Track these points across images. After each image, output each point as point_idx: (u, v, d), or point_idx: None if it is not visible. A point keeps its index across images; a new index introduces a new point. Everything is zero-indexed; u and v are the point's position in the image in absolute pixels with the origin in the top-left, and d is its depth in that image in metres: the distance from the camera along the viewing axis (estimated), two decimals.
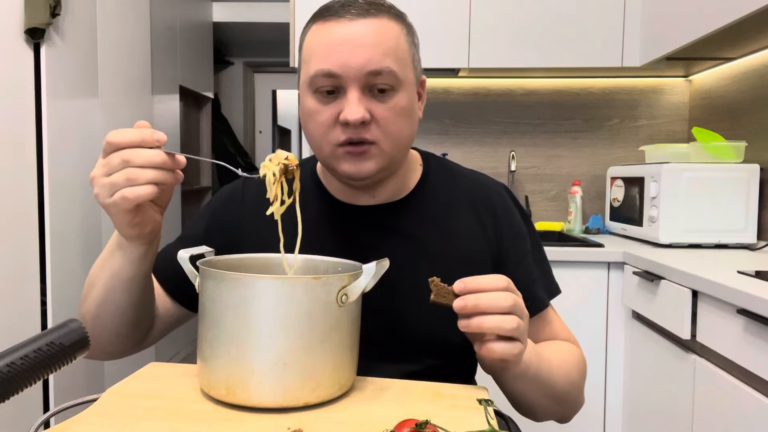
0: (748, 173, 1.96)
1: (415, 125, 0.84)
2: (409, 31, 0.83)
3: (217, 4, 3.93)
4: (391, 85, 0.77)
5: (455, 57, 2.34)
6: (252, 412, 0.63)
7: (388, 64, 0.76)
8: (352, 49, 0.75)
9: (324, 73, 0.76)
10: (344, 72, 0.76)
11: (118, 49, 2.42)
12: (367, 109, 0.77)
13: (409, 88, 0.81)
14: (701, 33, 1.86)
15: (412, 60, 0.82)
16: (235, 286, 0.63)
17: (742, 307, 1.24)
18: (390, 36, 0.78)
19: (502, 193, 0.94)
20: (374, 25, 0.77)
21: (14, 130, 1.81)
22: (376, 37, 0.77)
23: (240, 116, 4.63)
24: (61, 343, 0.51)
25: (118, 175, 0.67)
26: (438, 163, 0.95)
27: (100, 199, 0.69)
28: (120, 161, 0.67)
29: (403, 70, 0.79)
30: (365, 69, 0.76)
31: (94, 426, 0.59)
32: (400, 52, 0.79)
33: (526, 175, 2.69)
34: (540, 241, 0.96)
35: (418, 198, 0.90)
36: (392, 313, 0.84)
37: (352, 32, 0.76)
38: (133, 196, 0.67)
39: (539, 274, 0.92)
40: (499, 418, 0.74)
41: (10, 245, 1.79)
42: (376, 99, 0.78)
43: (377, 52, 0.76)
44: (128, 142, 0.68)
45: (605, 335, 1.99)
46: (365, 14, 0.77)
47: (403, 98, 0.79)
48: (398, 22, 0.81)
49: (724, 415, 1.33)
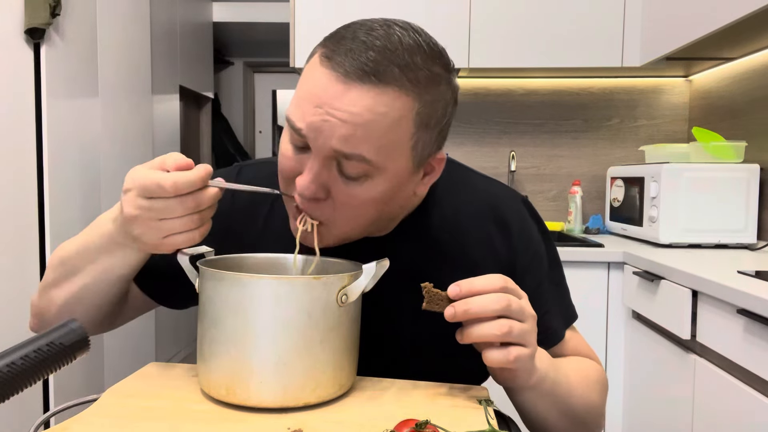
0: (748, 173, 1.96)
1: (396, 206, 0.72)
2: (432, 104, 0.65)
3: (217, 4, 3.93)
4: (361, 173, 0.64)
5: (455, 57, 2.29)
6: (252, 412, 0.63)
7: (361, 152, 0.62)
8: (328, 117, 0.61)
9: (293, 126, 0.65)
10: (311, 138, 0.63)
11: (118, 49, 2.42)
12: (326, 185, 0.65)
13: (393, 176, 0.65)
14: (701, 33, 1.86)
15: (414, 145, 0.65)
16: (235, 286, 0.63)
17: (742, 307, 1.24)
18: (384, 119, 0.61)
19: (519, 207, 0.83)
20: (368, 98, 0.61)
21: (14, 129, 1.81)
22: (362, 116, 0.61)
23: (240, 116, 4.63)
24: (61, 343, 0.51)
25: (183, 220, 0.63)
26: (448, 171, 0.80)
27: (144, 239, 0.64)
28: (186, 208, 0.62)
29: (388, 158, 0.64)
30: (333, 146, 0.62)
31: (94, 426, 0.59)
32: (393, 139, 0.63)
33: (526, 175, 2.69)
34: (558, 258, 0.87)
35: (420, 221, 0.79)
36: (394, 334, 0.79)
37: (336, 97, 0.61)
38: (201, 237, 0.65)
39: (555, 300, 0.83)
40: (499, 418, 0.74)
41: (10, 245, 1.79)
42: (343, 175, 0.65)
43: (355, 133, 0.61)
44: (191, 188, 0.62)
45: (605, 335, 1.99)
46: (366, 79, 0.60)
47: (377, 186, 0.65)
48: (413, 96, 0.63)
49: (724, 415, 1.33)
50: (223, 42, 4.33)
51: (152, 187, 0.61)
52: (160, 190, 0.61)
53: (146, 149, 2.74)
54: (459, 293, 0.62)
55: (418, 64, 0.63)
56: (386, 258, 0.67)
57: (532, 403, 0.72)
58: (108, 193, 2.33)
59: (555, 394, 0.71)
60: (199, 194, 0.63)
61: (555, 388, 0.71)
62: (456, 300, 0.62)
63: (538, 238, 0.84)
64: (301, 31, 2.34)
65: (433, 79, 0.64)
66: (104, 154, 2.31)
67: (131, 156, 2.56)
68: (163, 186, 0.61)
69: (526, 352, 0.63)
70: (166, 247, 0.66)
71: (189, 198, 0.62)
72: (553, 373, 0.71)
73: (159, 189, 0.61)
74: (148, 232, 0.64)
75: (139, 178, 0.62)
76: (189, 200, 0.62)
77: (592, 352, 0.87)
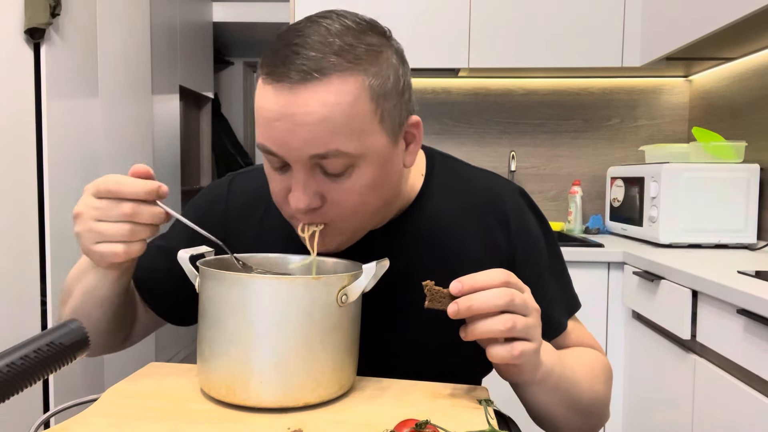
0: (748, 173, 1.96)
1: (392, 187, 0.72)
2: (380, 74, 0.64)
3: (217, 4, 3.93)
4: (344, 166, 0.64)
5: (455, 57, 2.34)
6: (252, 412, 0.63)
7: (335, 146, 0.62)
8: (290, 127, 0.62)
9: (264, 149, 0.65)
10: (284, 153, 0.64)
11: (118, 49, 2.42)
12: (318, 191, 0.66)
13: (375, 156, 0.66)
14: (701, 33, 1.86)
15: (381, 118, 0.65)
16: (235, 286, 0.63)
17: (742, 307, 1.24)
18: (340, 107, 0.62)
19: (516, 199, 0.84)
20: (318, 94, 0.61)
21: (14, 130, 1.81)
22: (320, 112, 0.61)
23: (240, 116, 4.63)
24: (61, 343, 0.51)
25: (115, 227, 0.63)
26: (444, 165, 0.84)
27: (81, 240, 0.65)
28: (120, 214, 0.63)
29: (362, 141, 0.64)
30: (306, 152, 0.63)
31: (94, 426, 0.59)
32: (357, 121, 0.63)
33: (526, 175, 2.69)
34: (559, 249, 0.87)
35: (418, 213, 0.79)
36: (393, 338, 0.79)
37: (291, 106, 0.61)
38: (123, 253, 0.65)
39: (557, 290, 0.83)
40: (499, 418, 0.74)
41: (10, 245, 1.79)
42: (329, 178, 0.65)
43: (321, 132, 0.61)
44: (133, 195, 0.63)
45: (605, 335, 1.99)
46: (309, 78, 0.61)
47: (365, 173, 0.66)
48: (358, 74, 0.63)
49: (724, 415, 1.33)
50: (223, 42, 4.33)
51: (101, 185, 0.64)
52: (105, 189, 0.64)
53: (146, 149, 2.74)
54: (461, 290, 0.61)
55: (351, 44, 0.63)
56: (386, 258, 0.68)
57: (538, 398, 0.71)
58: None
59: (561, 388, 0.71)
60: (139, 205, 0.64)
61: (561, 382, 0.70)
62: (458, 297, 0.62)
63: (537, 229, 0.84)
64: None
65: (371, 51, 0.64)
66: (104, 154, 2.31)
67: (131, 156, 2.56)
68: (108, 183, 0.63)
69: (531, 347, 0.63)
70: (94, 254, 0.66)
71: (127, 204, 0.64)
72: (559, 368, 0.70)
73: (105, 187, 0.64)
74: (84, 233, 0.65)
75: (100, 178, 0.65)
76: (126, 206, 0.63)
77: (596, 342, 0.86)
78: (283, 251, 0.78)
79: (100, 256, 0.66)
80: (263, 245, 0.80)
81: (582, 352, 0.82)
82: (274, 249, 0.79)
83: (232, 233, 0.82)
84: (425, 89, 2.70)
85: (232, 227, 0.83)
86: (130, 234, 0.64)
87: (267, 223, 0.83)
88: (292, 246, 0.77)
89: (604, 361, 0.82)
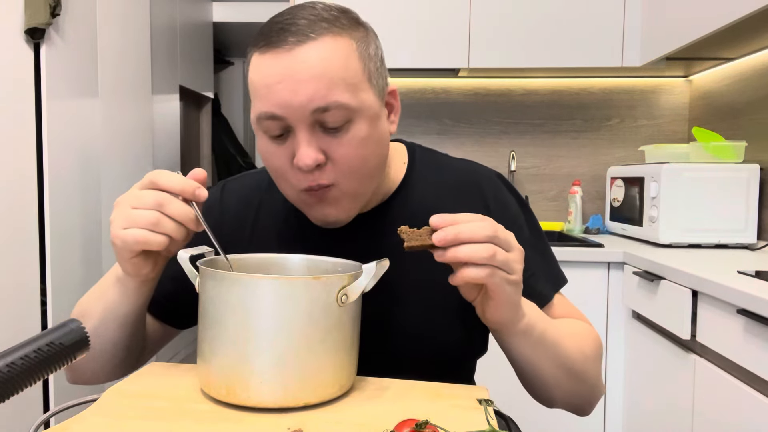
0: (748, 173, 1.96)
1: (385, 148, 0.77)
2: (363, 39, 0.72)
3: (217, 4, 3.93)
4: (343, 119, 0.69)
5: (455, 57, 2.34)
6: (252, 412, 0.63)
7: (335, 98, 0.68)
8: (292, 86, 0.67)
9: (267, 116, 0.69)
10: (287, 113, 0.68)
11: (118, 49, 2.42)
12: (321, 148, 0.70)
13: (369, 111, 0.72)
14: (701, 33, 1.86)
15: (369, 77, 0.72)
16: (235, 286, 0.63)
17: (742, 307, 1.24)
18: (335, 61, 0.68)
19: (494, 180, 0.89)
20: (315, 51, 0.67)
21: (14, 130, 1.81)
22: (318, 66, 0.67)
23: (240, 116, 4.63)
24: (61, 343, 0.51)
25: (144, 213, 0.65)
26: (424, 155, 0.89)
27: (112, 225, 0.67)
28: (152, 201, 0.65)
29: (357, 96, 0.70)
30: (309, 107, 0.67)
31: (94, 426, 0.59)
32: (351, 76, 0.69)
33: (526, 175, 2.69)
34: (540, 229, 0.91)
35: (401, 198, 0.84)
36: (386, 315, 0.82)
37: (290, 66, 0.67)
38: (143, 241, 0.65)
39: (540, 265, 0.86)
40: (499, 418, 0.74)
41: (10, 245, 1.79)
42: (330, 135, 0.70)
43: (321, 86, 0.67)
44: (168, 187, 0.66)
45: (605, 335, 1.99)
46: (304, 39, 0.67)
47: (361, 127, 0.71)
48: (346, 36, 0.70)
49: (724, 415, 1.33)
50: (223, 42, 4.33)
51: (147, 176, 0.67)
52: (148, 180, 0.67)
53: (146, 149, 2.74)
54: (441, 222, 0.63)
55: (336, 16, 0.71)
56: (386, 258, 0.68)
57: (523, 353, 0.74)
58: (108, 193, 2.33)
59: (547, 343, 0.73)
60: (171, 197, 0.66)
61: (546, 337, 0.73)
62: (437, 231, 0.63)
63: (516, 206, 0.88)
64: None
65: (352, 23, 0.72)
66: (104, 154, 2.31)
67: (131, 156, 2.56)
68: (151, 174, 0.67)
69: (508, 277, 0.65)
70: (118, 241, 0.67)
71: (161, 194, 0.66)
72: (543, 323, 0.72)
73: (148, 178, 0.67)
74: (116, 218, 0.67)
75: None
76: (160, 195, 0.66)
77: (584, 317, 0.87)
78: (277, 250, 0.80)
79: (122, 243, 0.66)
80: (256, 248, 0.81)
81: (568, 320, 0.84)
82: (267, 250, 0.80)
83: (228, 239, 0.82)
84: (425, 89, 2.70)
85: (227, 234, 0.84)
86: (156, 223, 0.65)
87: (256, 227, 0.86)
88: (285, 245, 0.81)
89: (591, 330, 0.84)
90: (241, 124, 4.63)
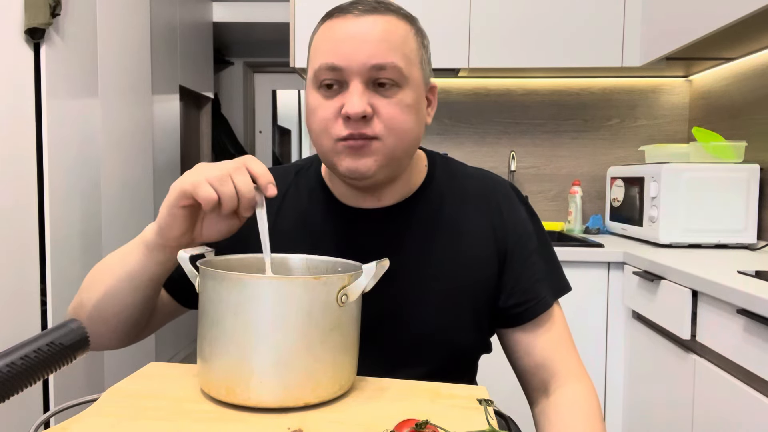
0: (748, 173, 1.96)
1: (422, 126, 0.82)
2: (419, 33, 0.82)
3: (217, 4, 3.93)
4: (395, 80, 0.76)
5: (455, 57, 2.34)
6: (252, 412, 0.63)
7: (392, 59, 0.75)
8: (357, 44, 0.75)
9: (327, 67, 0.75)
10: (347, 65, 0.75)
11: (118, 49, 2.42)
12: (370, 103, 0.76)
13: (416, 87, 0.79)
14: (701, 33, 1.86)
15: (421, 61, 0.80)
16: (235, 286, 0.63)
17: (742, 307, 1.24)
18: (397, 33, 0.77)
19: (508, 191, 0.93)
20: (381, 21, 0.76)
21: (14, 129, 1.81)
22: (382, 33, 0.76)
23: (240, 116, 4.63)
24: (61, 343, 0.51)
25: (215, 171, 0.69)
26: (443, 162, 0.94)
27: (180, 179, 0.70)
28: (230, 166, 0.69)
29: (409, 67, 0.77)
30: (369, 63, 0.74)
31: (94, 426, 0.59)
32: (408, 50, 0.78)
33: (526, 175, 2.69)
34: (547, 236, 0.94)
35: (423, 199, 0.88)
36: (397, 314, 0.83)
37: (359, 28, 0.76)
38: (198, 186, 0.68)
39: (545, 272, 0.89)
40: (499, 418, 0.74)
41: (10, 246, 1.79)
42: (380, 94, 0.76)
43: (382, 47, 0.75)
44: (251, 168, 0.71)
45: (605, 335, 1.99)
46: (373, 11, 0.77)
47: (408, 95, 0.78)
48: (407, 23, 0.80)
49: (724, 415, 1.33)
50: (223, 42, 4.33)
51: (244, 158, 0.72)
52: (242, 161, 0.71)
53: (146, 149, 2.74)
54: None
55: (399, 8, 0.81)
56: (386, 258, 0.68)
57: None
58: (108, 193, 2.33)
59: None
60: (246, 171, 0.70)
61: None
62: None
63: (526, 217, 0.92)
64: (301, 31, 2.34)
65: (411, 16, 0.82)
66: (104, 154, 2.31)
67: (131, 156, 2.56)
68: (248, 157, 0.72)
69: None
70: (180, 180, 0.70)
71: (240, 167, 0.70)
72: None
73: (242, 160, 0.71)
74: (189, 174, 0.70)
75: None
76: (239, 166, 0.70)
77: (572, 353, 0.87)
78: (292, 249, 0.82)
79: (180, 184, 0.69)
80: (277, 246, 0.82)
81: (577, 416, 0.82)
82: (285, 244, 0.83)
83: (242, 233, 0.83)
84: None
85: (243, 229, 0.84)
86: (219, 179, 0.68)
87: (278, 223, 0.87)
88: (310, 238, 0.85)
89: (594, 403, 0.83)
90: (241, 124, 4.63)
